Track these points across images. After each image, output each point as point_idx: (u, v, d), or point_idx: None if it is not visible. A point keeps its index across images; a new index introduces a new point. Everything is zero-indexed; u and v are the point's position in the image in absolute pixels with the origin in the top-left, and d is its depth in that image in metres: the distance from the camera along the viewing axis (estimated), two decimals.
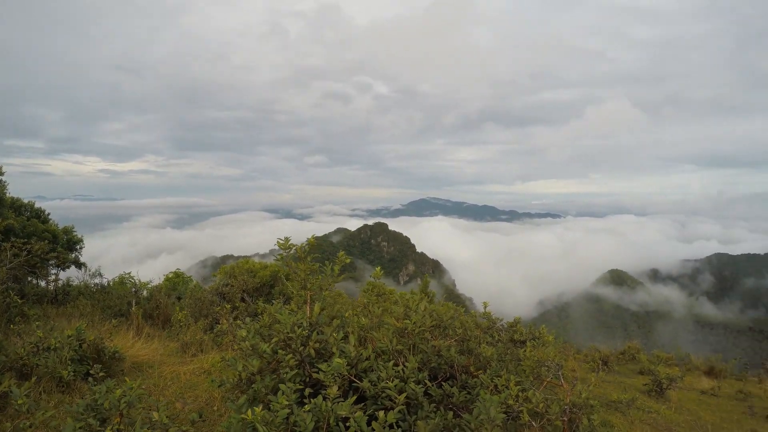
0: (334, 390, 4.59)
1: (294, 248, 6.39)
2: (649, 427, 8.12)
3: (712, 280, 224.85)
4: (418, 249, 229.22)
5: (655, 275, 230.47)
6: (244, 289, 14.65)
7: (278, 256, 6.52)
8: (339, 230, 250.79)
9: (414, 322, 5.75)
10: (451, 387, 5.23)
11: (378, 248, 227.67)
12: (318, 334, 5.61)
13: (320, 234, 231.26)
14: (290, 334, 5.48)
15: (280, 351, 5.43)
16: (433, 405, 4.95)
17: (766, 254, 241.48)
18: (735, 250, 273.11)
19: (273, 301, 7.44)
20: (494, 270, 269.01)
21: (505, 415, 4.90)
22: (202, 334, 9.97)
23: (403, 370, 5.15)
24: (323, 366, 4.93)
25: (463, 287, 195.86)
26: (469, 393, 5.28)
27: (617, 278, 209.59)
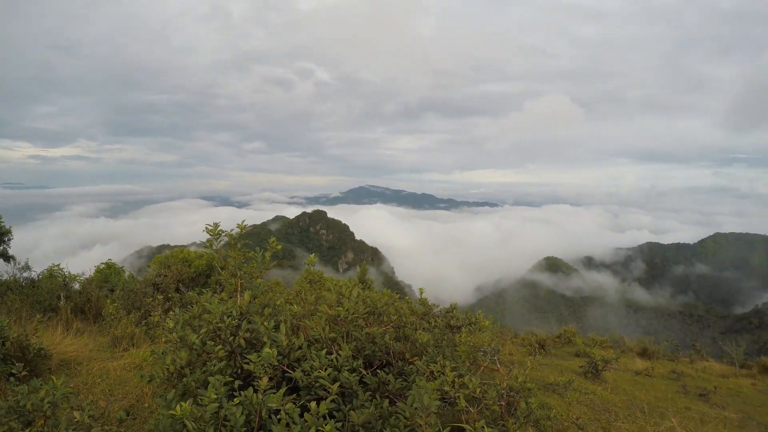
0: (264, 381, 4.40)
1: (224, 234, 6.13)
2: (586, 408, 8.19)
3: (643, 267, 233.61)
4: (357, 237, 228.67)
5: (589, 262, 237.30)
6: (179, 279, 14.20)
7: (206, 243, 6.24)
8: (277, 218, 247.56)
9: (347, 309, 5.58)
10: (387, 374, 5.08)
11: (317, 236, 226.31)
12: (248, 323, 5.38)
13: (258, 222, 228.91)
14: (219, 324, 5.26)
15: (209, 342, 5.19)
16: (368, 393, 4.79)
17: (694, 243, 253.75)
18: (665, 239, 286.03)
19: (207, 290, 7.16)
20: (433, 257, 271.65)
21: (440, 402, 4.80)
22: (134, 328, 9.55)
23: (336, 358, 4.97)
24: (253, 357, 4.73)
25: (401, 274, 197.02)
26: (405, 380, 5.15)
27: (552, 265, 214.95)
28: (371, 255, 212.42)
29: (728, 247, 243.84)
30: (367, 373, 5.12)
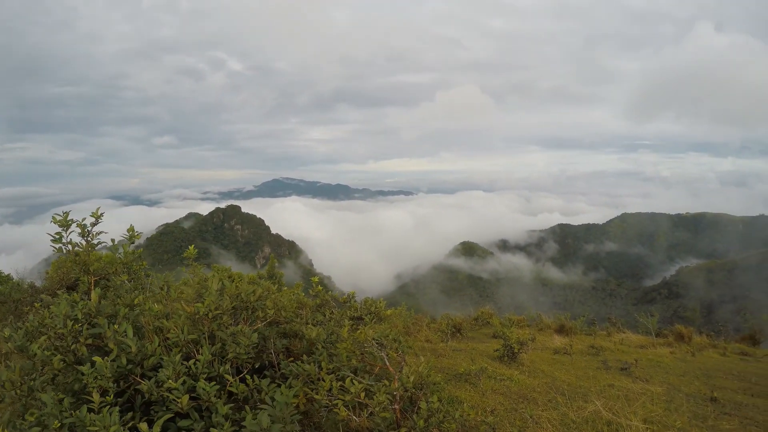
0: (96, 397, 3.44)
1: (75, 224, 5.14)
2: (502, 397, 7.51)
3: (556, 247, 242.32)
4: (273, 230, 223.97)
5: (504, 245, 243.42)
6: (67, 284, 12.81)
7: (54, 236, 5.24)
8: (190, 215, 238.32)
9: (207, 305, 4.58)
10: (261, 379, 4.15)
11: (232, 232, 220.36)
12: (91, 327, 4.37)
13: (171, 220, 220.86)
14: (61, 330, 4.24)
15: (46, 351, 4.17)
16: (230, 406, 3.82)
17: (603, 224, 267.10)
18: (576, 221, 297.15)
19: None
20: (351, 247, 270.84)
21: (300, 416, 3.94)
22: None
23: (195, 364, 4.00)
24: (84, 368, 3.73)
25: (320, 266, 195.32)
26: (279, 385, 4.21)
27: (469, 249, 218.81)
28: (288, 248, 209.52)
29: (635, 225, 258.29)
30: (235, 380, 4.14)
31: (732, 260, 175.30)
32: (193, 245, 5.66)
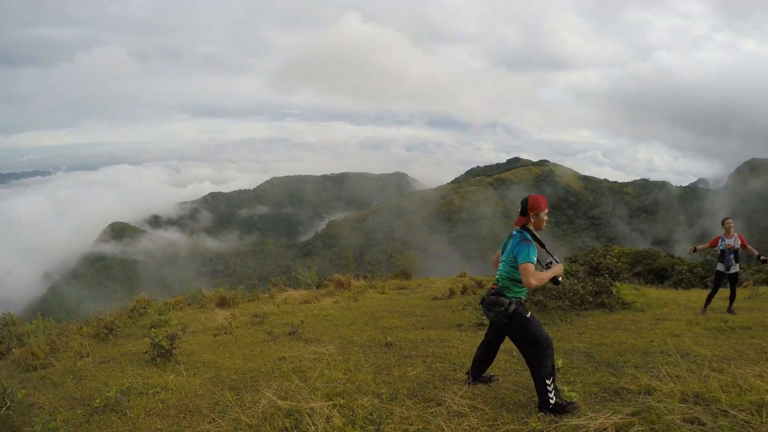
0: None
1: None
2: (158, 419, 5.76)
3: (210, 216, 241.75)
4: None
5: (157, 221, 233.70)
6: None
7: None
8: None
9: None
10: None
11: None
12: None
13: None
14: None
15: None
16: None
17: (254, 188, 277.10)
18: (227, 188, 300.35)
19: None
20: None
21: None
22: None
23: None
24: None
25: None
26: None
27: (119, 231, 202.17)
28: None
29: (284, 188, 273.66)
30: None
31: (374, 210, 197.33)
32: None
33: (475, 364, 6.14)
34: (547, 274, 5.21)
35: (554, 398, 5.15)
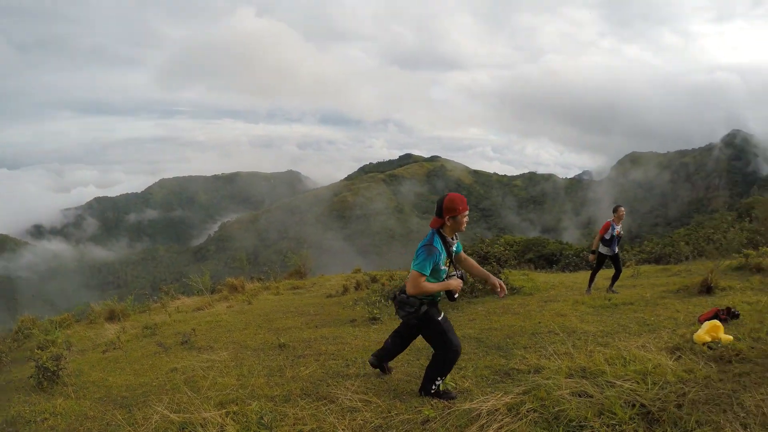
0: None
1: None
2: None
3: (96, 223, 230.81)
4: None
5: (39, 231, 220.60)
6: None
7: None
8: None
9: None
10: None
11: None
12: None
13: None
14: None
15: None
16: None
17: (143, 191, 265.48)
18: (114, 191, 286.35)
19: None
20: None
21: None
22: None
23: None
24: None
25: None
26: None
27: None
28: None
29: (174, 189, 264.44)
30: None
31: (267, 209, 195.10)
32: None
33: (385, 349, 6.11)
34: (435, 287, 5.03)
35: (436, 389, 5.29)
